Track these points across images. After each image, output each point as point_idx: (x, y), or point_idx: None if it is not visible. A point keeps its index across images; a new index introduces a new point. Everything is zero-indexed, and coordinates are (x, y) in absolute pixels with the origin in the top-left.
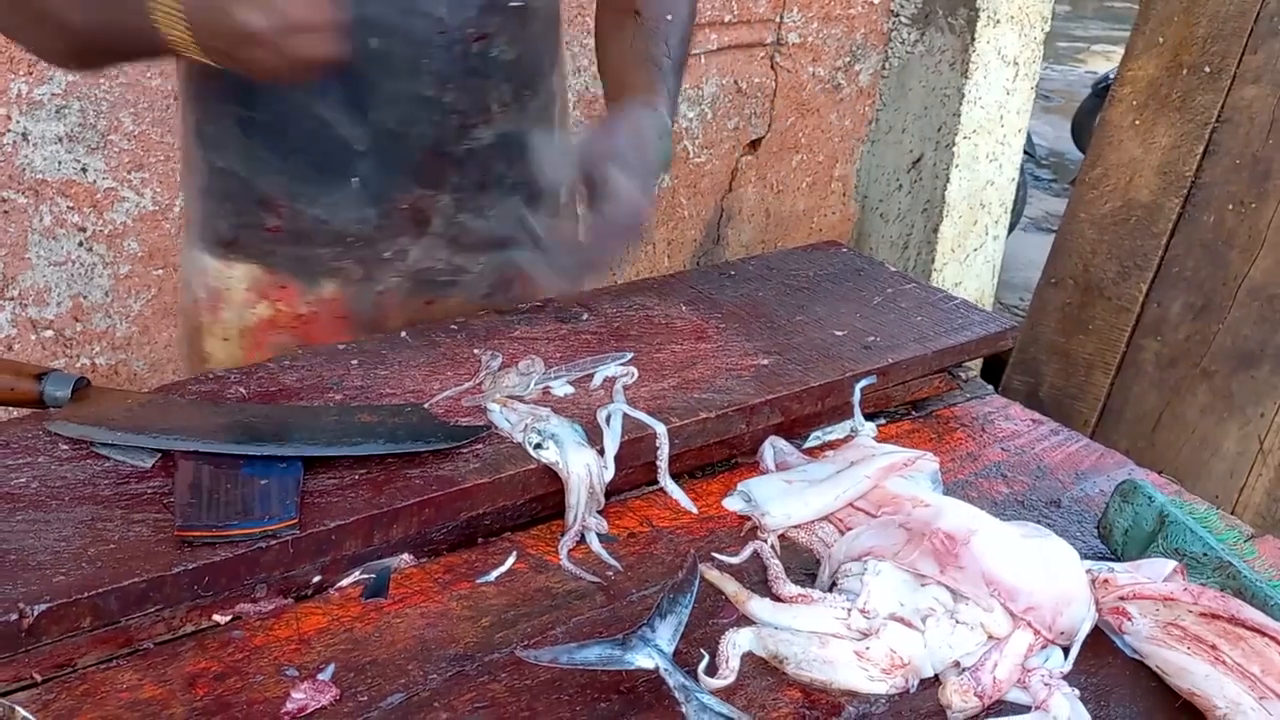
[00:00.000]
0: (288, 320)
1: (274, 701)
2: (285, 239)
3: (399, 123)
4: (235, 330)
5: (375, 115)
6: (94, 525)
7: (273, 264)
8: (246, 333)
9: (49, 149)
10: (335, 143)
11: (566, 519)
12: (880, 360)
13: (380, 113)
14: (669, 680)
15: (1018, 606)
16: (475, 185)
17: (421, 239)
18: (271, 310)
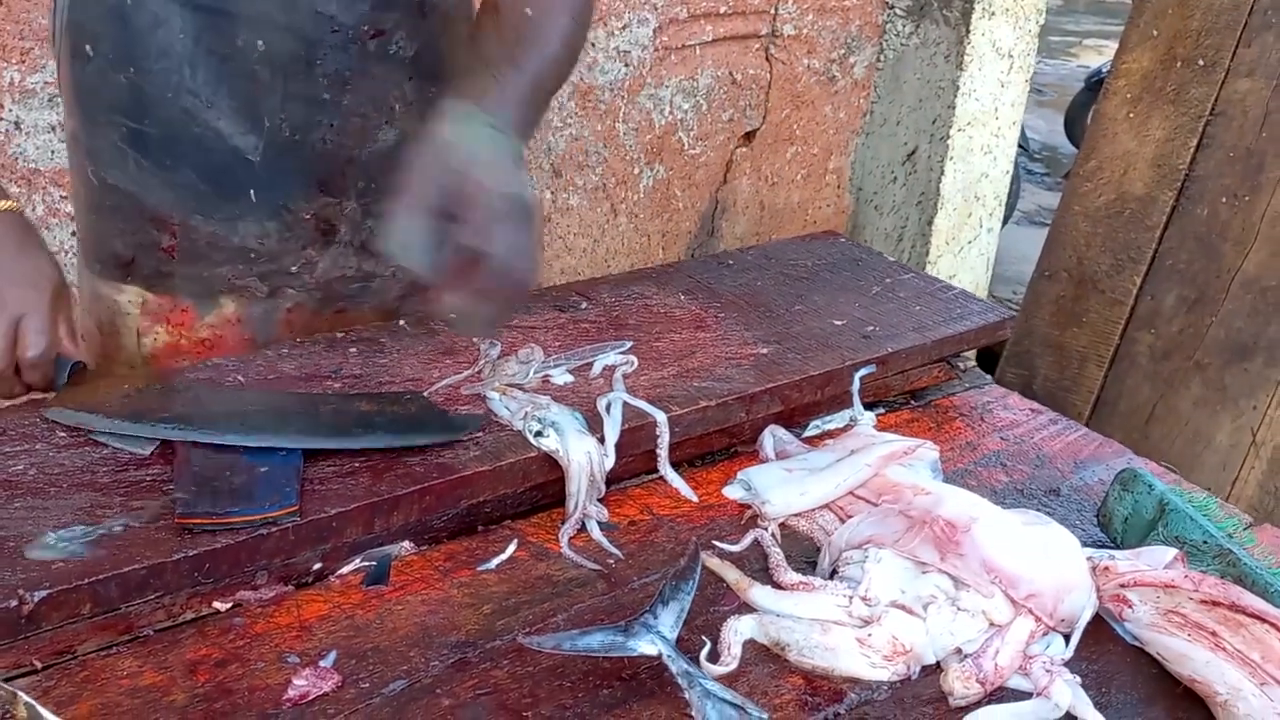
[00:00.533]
0: (190, 346)
1: (275, 688)
2: (182, 259)
3: (295, 128)
4: (138, 359)
5: (270, 121)
6: (93, 512)
7: (169, 287)
8: (150, 361)
9: (42, 138)
10: (229, 153)
11: (567, 507)
12: (879, 349)
13: (274, 118)
14: (672, 667)
15: (1019, 594)
16: (382, 188)
17: (329, 249)
18: (170, 336)
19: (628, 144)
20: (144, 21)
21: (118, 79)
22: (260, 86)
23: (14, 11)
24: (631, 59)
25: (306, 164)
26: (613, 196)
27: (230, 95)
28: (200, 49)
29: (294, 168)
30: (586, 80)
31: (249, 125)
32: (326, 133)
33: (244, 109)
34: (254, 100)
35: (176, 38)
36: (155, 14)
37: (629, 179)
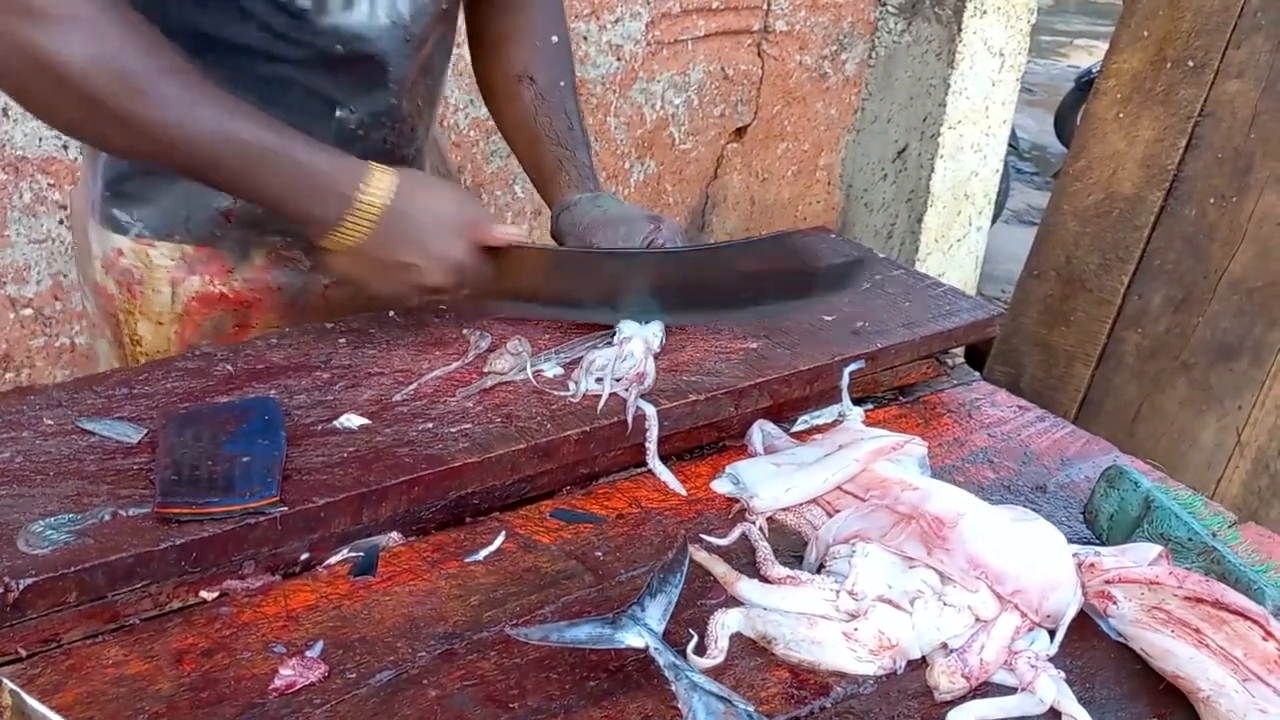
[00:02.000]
0: (226, 303)
1: (262, 678)
2: (237, 223)
3: (361, 124)
4: (168, 312)
5: (340, 114)
6: (80, 500)
7: (215, 244)
8: (180, 312)
9: (29, 125)
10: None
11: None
12: (868, 345)
13: (344, 113)
14: (659, 659)
15: (1005, 589)
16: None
17: None
18: (204, 285)
19: (619, 138)
20: (224, 15)
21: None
22: (334, 88)
23: None
24: (623, 53)
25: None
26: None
27: (304, 89)
28: (277, 49)
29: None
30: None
31: (317, 116)
32: (388, 133)
33: (316, 103)
34: (327, 97)
35: (253, 38)
36: (231, 14)
37: (620, 173)
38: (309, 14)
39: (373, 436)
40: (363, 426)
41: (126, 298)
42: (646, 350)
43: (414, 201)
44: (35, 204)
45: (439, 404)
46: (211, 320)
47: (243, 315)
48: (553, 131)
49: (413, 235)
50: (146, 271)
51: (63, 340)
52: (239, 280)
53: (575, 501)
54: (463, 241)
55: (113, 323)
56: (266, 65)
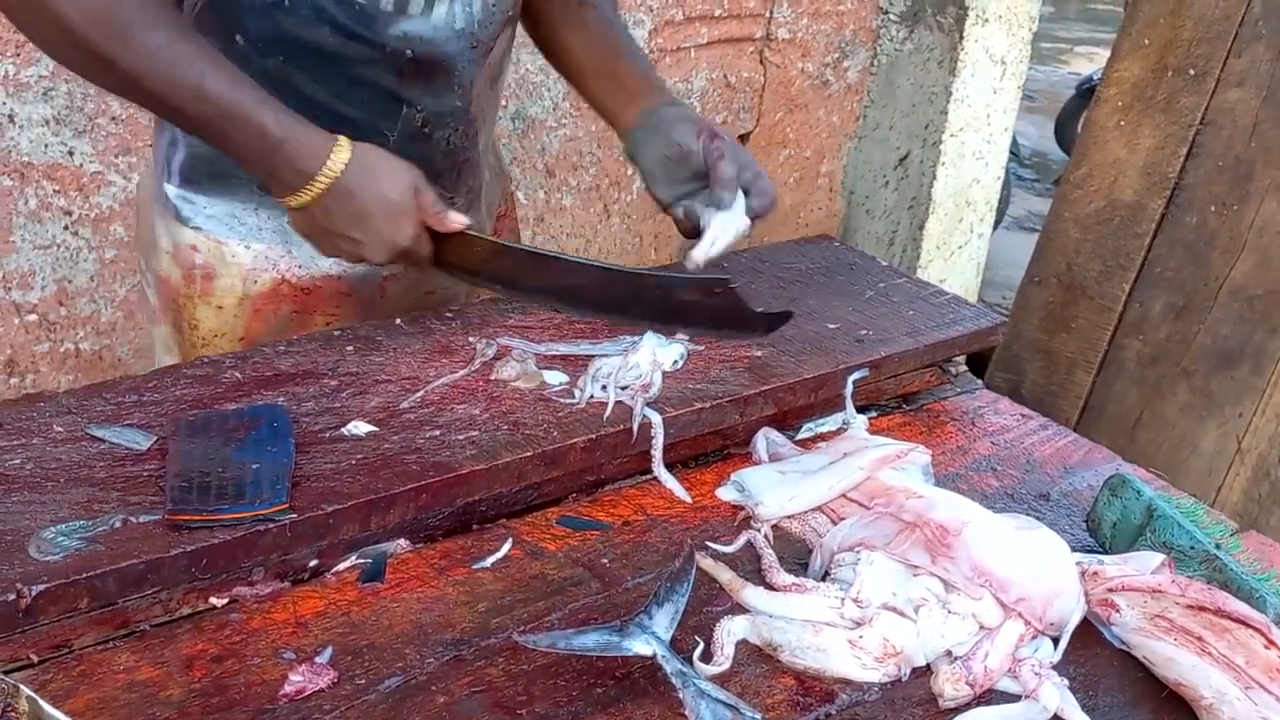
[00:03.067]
0: (290, 290)
1: (271, 684)
2: None
3: (427, 124)
4: (233, 298)
5: (406, 111)
6: (90, 507)
7: (285, 236)
8: (245, 301)
9: (35, 131)
10: (370, 129)
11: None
12: (872, 353)
13: (411, 113)
14: (666, 666)
15: (1009, 597)
16: (480, 186)
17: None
18: (274, 281)
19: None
20: (295, 20)
21: (265, 62)
22: (403, 90)
23: None
24: None
25: (430, 160)
26: (606, 197)
27: (374, 89)
28: (348, 52)
29: (419, 158)
30: None
31: (386, 115)
32: (451, 134)
33: (385, 104)
34: (395, 98)
35: (325, 41)
36: (307, 16)
37: (622, 180)
38: (384, 19)
39: (380, 444)
40: (370, 434)
41: (190, 287)
42: (654, 364)
43: (365, 180)
44: (40, 210)
45: (446, 411)
46: (276, 313)
47: (303, 304)
48: (626, 50)
49: (357, 213)
50: (220, 265)
51: (67, 346)
52: (303, 270)
53: (582, 509)
54: (409, 225)
55: (174, 311)
56: (338, 66)
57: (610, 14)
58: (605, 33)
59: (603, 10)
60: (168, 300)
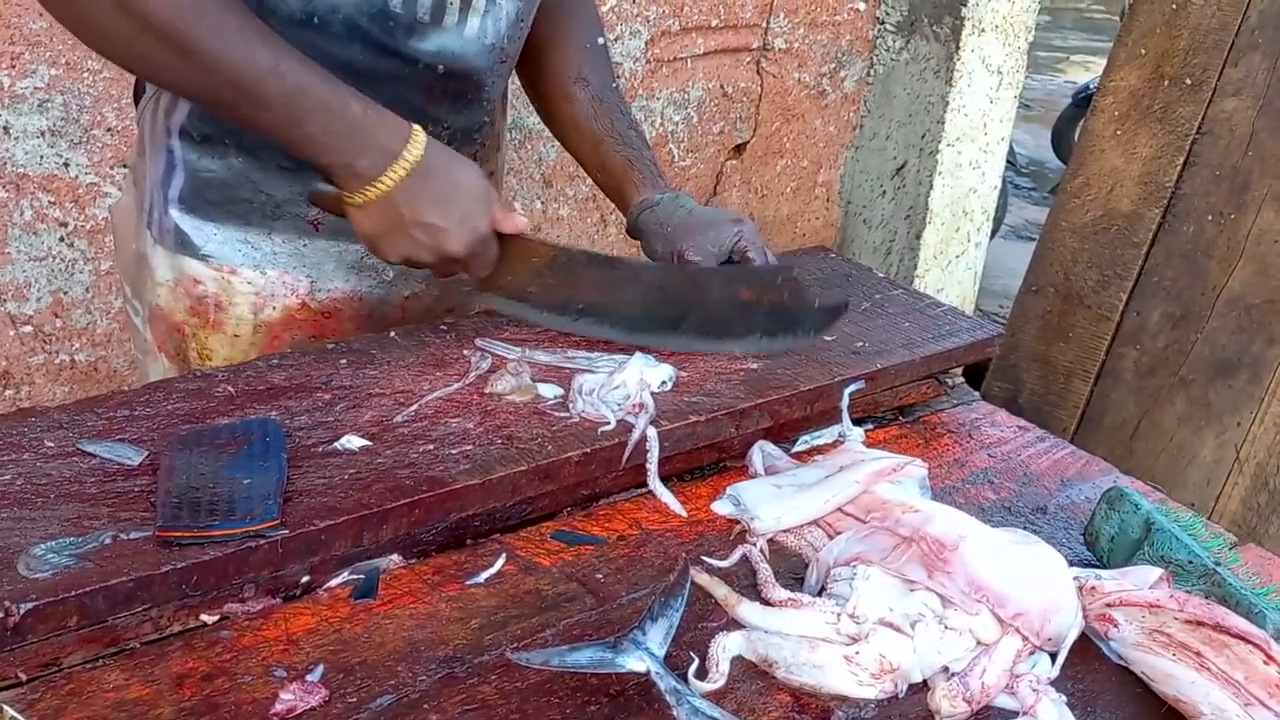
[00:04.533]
0: (307, 315)
1: (262, 702)
2: (323, 233)
3: (452, 139)
4: (248, 326)
5: (434, 131)
6: (80, 523)
7: (299, 261)
8: (260, 328)
9: (31, 143)
10: None
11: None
12: (868, 365)
13: (439, 129)
14: (660, 683)
15: (1006, 613)
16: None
17: None
18: (287, 309)
19: None
20: (328, 35)
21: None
22: (432, 105)
23: (4, 16)
24: (623, 70)
25: None
26: (603, 207)
27: (405, 104)
28: (380, 67)
29: None
30: None
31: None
32: (478, 149)
33: (416, 117)
34: (423, 114)
35: (356, 56)
36: (340, 31)
37: None
38: (419, 32)
39: (374, 458)
40: (364, 448)
41: (198, 320)
42: (642, 384)
43: (447, 166)
44: (35, 221)
45: (440, 425)
46: (290, 340)
47: (320, 328)
48: (615, 132)
49: (441, 197)
50: (227, 296)
51: (62, 358)
52: (322, 294)
53: (576, 523)
54: (488, 212)
55: (176, 342)
56: (368, 85)
57: (603, 90)
58: (594, 117)
59: (595, 87)
60: (168, 333)
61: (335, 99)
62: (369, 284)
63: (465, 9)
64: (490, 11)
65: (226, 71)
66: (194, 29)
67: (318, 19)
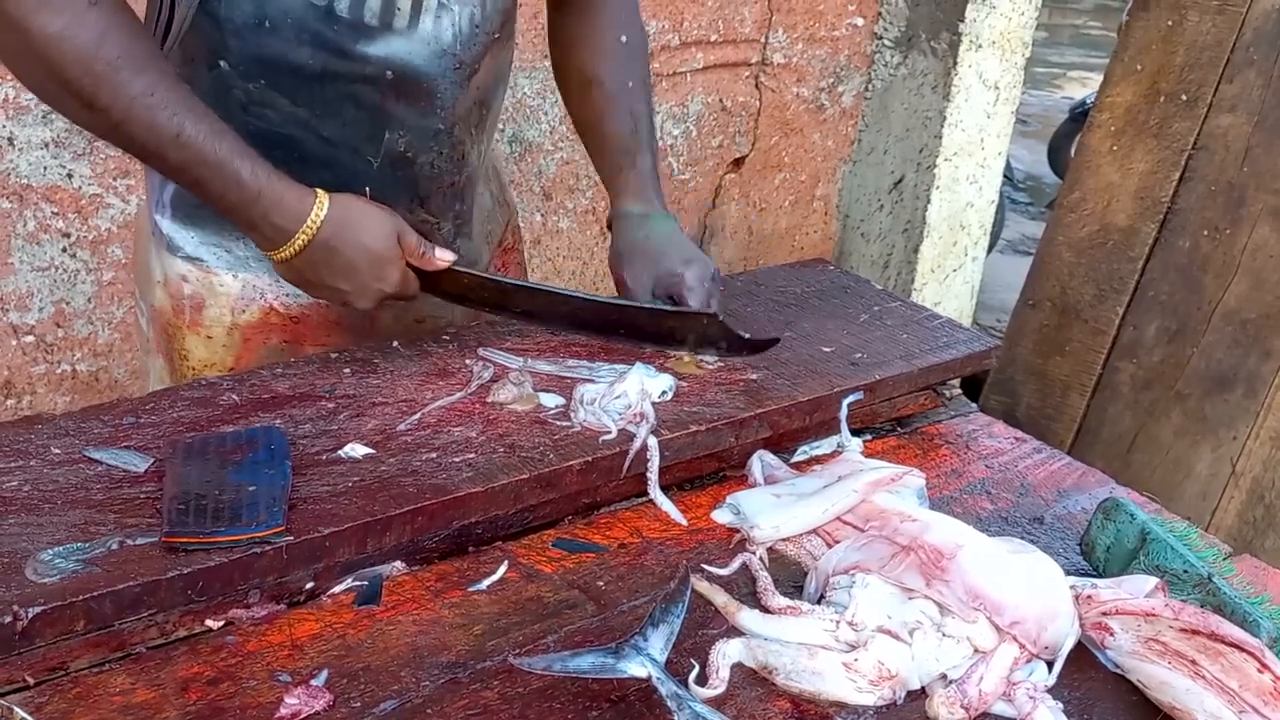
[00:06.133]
0: (279, 320)
1: (267, 707)
2: None
3: (410, 148)
4: (222, 329)
5: (389, 136)
6: (87, 529)
7: (268, 268)
8: (234, 331)
9: (35, 154)
10: (351, 153)
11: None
12: (867, 376)
13: (394, 136)
14: (661, 689)
15: (1004, 621)
16: (468, 211)
17: None
18: (262, 311)
19: None
20: (277, 43)
21: (248, 86)
22: (383, 111)
23: None
24: None
25: (414, 183)
26: (602, 220)
27: (355, 112)
28: (328, 74)
29: (404, 183)
30: None
31: (369, 138)
32: (436, 158)
33: (366, 125)
34: (376, 121)
35: (305, 63)
36: (288, 38)
37: None
38: (366, 35)
39: (377, 466)
40: (367, 456)
41: (179, 318)
42: (643, 393)
43: (345, 234)
44: (39, 232)
45: (443, 433)
46: (266, 343)
47: (293, 333)
48: (616, 136)
49: (340, 266)
50: (209, 295)
51: (64, 367)
52: (290, 299)
53: (577, 531)
54: (393, 272)
55: (166, 341)
56: (320, 88)
57: (618, 90)
58: (600, 121)
59: (610, 87)
60: (161, 331)
61: (232, 173)
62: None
63: (416, 13)
64: (443, 16)
65: (129, 133)
66: (100, 89)
67: (269, 23)
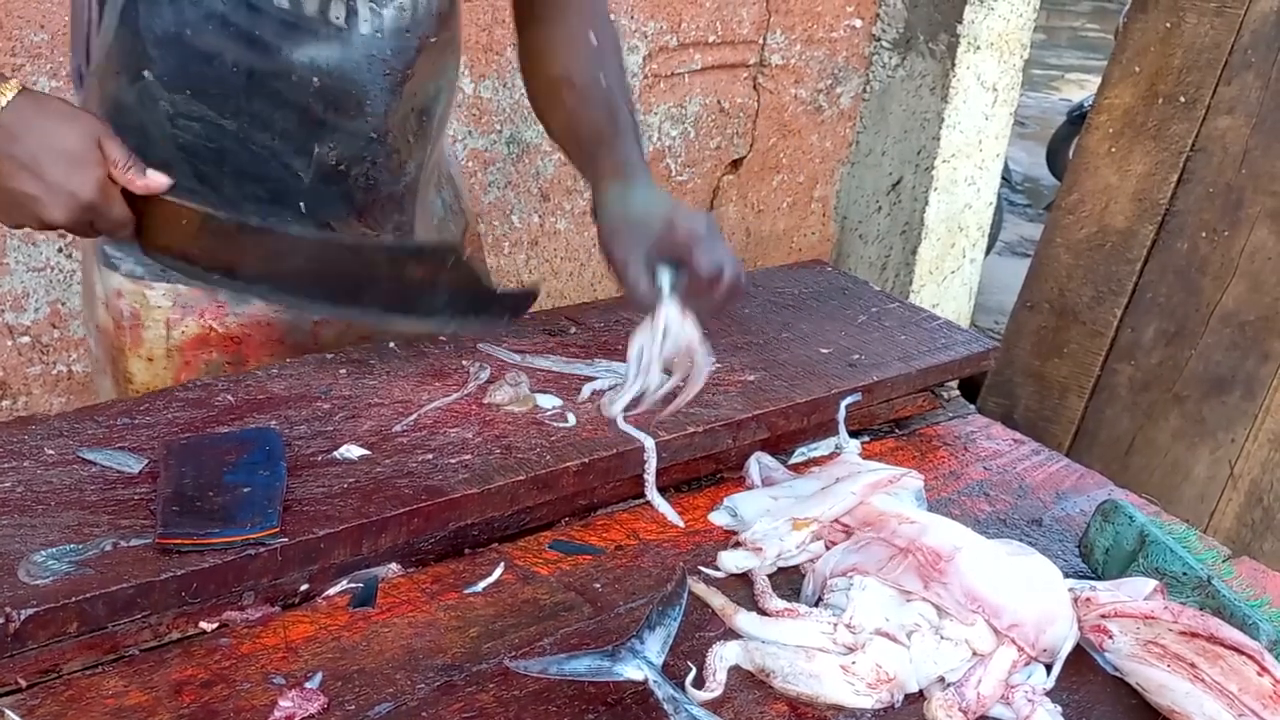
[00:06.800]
0: (218, 339)
1: (261, 709)
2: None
3: (342, 159)
4: (160, 349)
5: (319, 149)
6: (81, 530)
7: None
8: (173, 352)
9: None
10: (281, 168)
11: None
12: (865, 378)
13: (324, 148)
14: (658, 692)
15: (1002, 623)
16: (411, 220)
17: None
18: (200, 328)
19: None
20: (200, 50)
21: (173, 97)
22: (313, 120)
23: (5, 28)
24: None
25: (349, 194)
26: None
27: (284, 122)
28: (254, 81)
29: (338, 196)
30: None
31: (299, 150)
32: (369, 169)
33: (296, 136)
34: (306, 130)
35: (230, 70)
36: (212, 44)
37: None
38: (292, 39)
39: (373, 467)
40: (363, 457)
41: (121, 337)
42: None
43: (32, 121)
44: (34, 232)
45: (439, 435)
46: (207, 361)
47: (236, 353)
48: (592, 129)
49: (24, 158)
50: (144, 312)
51: (60, 368)
52: (233, 317)
53: (574, 533)
54: (90, 176)
55: (111, 361)
56: (246, 98)
57: (589, 87)
58: (574, 120)
59: (580, 88)
60: (107, 351)
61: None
62: (276, 309)
63: (351, 11)
64: (370, 20)
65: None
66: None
67: (190, 29)
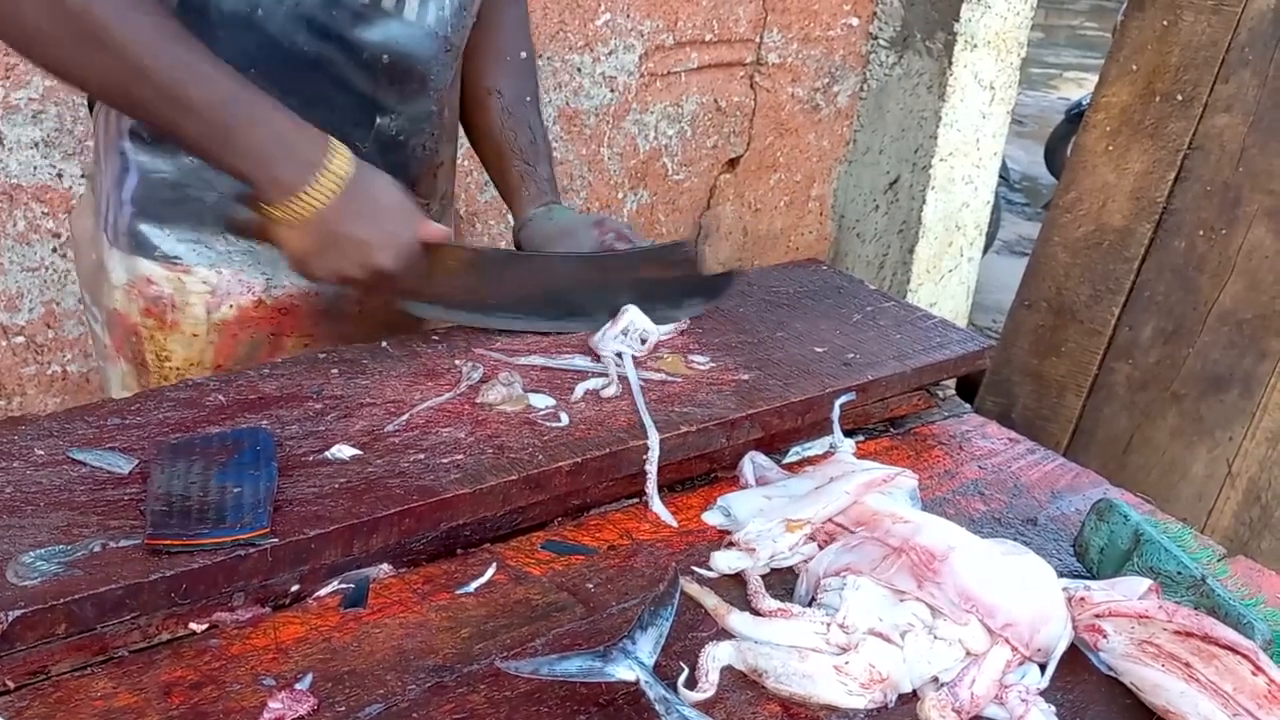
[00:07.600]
0: (265, 313)
1: (251, 711)
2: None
3: (401, 131)
4: (202, 326)
5: (380, 121)
6: (70, 531)
7: (253, 259)
8: (214, 329)
9: (24, 154)
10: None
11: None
12: (860, 377)
13: (385, 120)
14: (649, 693)
15: (996, 623)
16: (451, 193)
17: None
18: (248, 305)
19: (612, 169)
20: (270, 32)
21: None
22: (376, 96)
23: None
24: (617, 84)
25: (405, 166)
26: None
27: (345, 97)
28: (323, 60)
29: (396, 166)
30: (572, 105)
31: (358, 123)
32: (427, 139)
33: (356, 111)
34: (369, 104)
35: (300, 51)
36: (283, 27)
37: (613, 203)
38: (364, 18)
39: (364, 467)
40: (354, 457)
41: (154, 322)
42: None
43: (372, 181)
44: (29, 232)
45: (431, 434)
46: (248, 338)
47: (277, 325)
48: (517, 146)
49: (368, 211)
50: (180, 296)
51: (54, 368)
52: (278, 290)
53: (566, 533)
54: (412, 227)
55: (133, 345)
56: (312, 76)
57: (515, 102)
58: (501, 129)
59: (508, 99)
60: (124, 336)
61: (260, 107)
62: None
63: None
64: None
65: (150, 73)
66: (118, 26)
67: (261, 10)
